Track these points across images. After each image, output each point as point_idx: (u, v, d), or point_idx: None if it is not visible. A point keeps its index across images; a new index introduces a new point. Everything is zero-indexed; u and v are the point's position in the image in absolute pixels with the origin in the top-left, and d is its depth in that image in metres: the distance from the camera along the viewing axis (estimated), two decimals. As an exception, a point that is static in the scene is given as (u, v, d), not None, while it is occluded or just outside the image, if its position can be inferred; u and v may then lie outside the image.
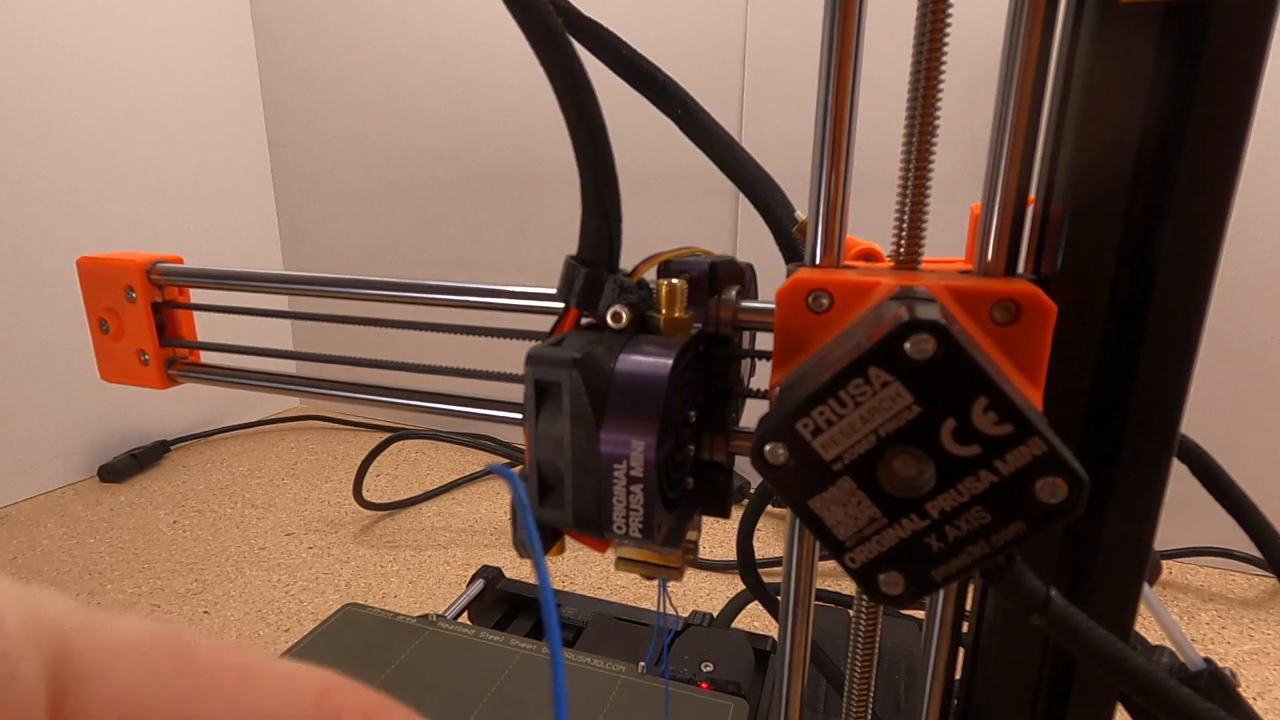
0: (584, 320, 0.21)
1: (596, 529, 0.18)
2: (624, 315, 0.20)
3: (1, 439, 0.77)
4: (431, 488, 0.83)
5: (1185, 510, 0.27)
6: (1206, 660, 0.28)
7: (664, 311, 0.20)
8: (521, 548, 0.19)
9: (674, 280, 0.20)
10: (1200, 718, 0.15)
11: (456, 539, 0.74)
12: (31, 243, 0.78)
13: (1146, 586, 0.26)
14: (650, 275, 0.22)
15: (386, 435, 0.83)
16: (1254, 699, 0.50)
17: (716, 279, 0.22)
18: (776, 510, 0.77)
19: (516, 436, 0.92)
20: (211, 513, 0.77)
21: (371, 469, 0.78)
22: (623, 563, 0.21)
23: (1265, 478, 0.64)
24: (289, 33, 0.95)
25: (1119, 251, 0.19)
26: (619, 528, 0.18)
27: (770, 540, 0.75)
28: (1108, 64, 0.18)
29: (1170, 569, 0.70)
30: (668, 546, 0.20)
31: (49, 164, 0.78)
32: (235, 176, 0.99)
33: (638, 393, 0.18)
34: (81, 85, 0.80)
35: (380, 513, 0.79)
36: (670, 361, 0.18)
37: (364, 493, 0.77)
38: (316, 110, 0.97)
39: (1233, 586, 0.65)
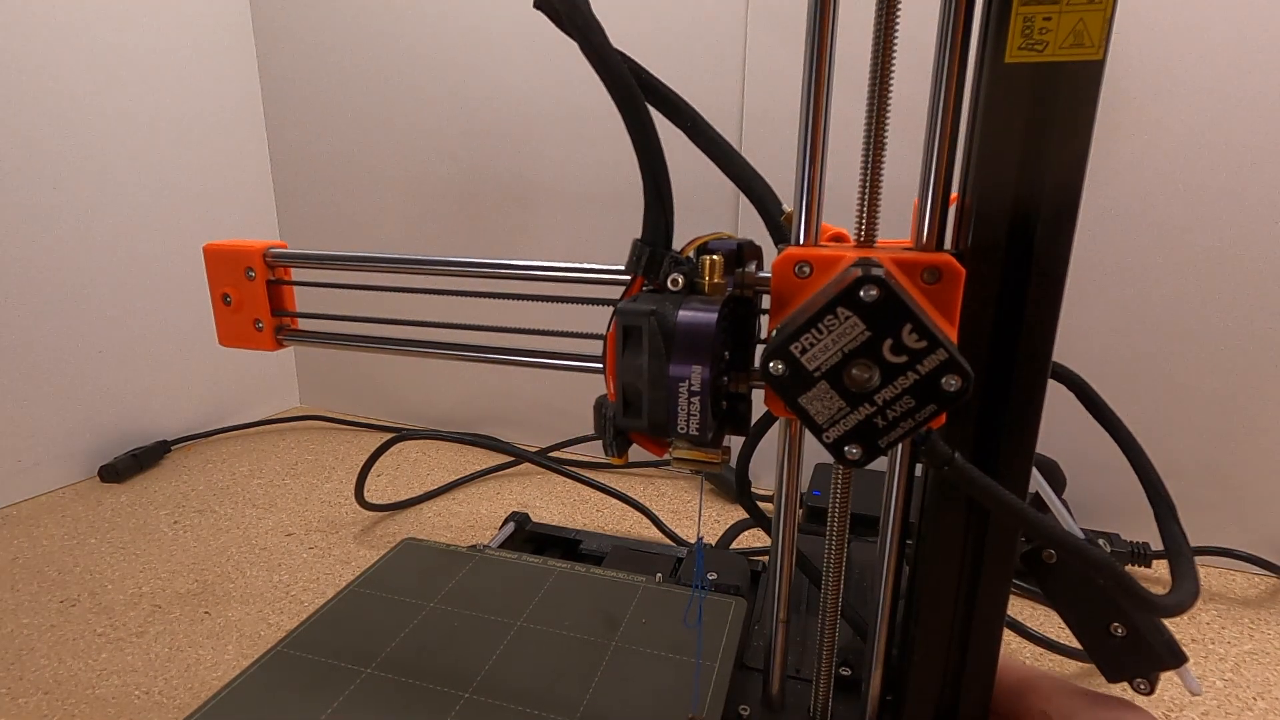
0: (646, 287, 0.29)
1: (665, 431, 0.26)
2: (680, 280, 0.27)
3: (2, 439, 0.75)
4: (432, 488, 0.82)
5: (1185, 510, 0.32)
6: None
7: (707, 278, 0.27)
8: (610, 447, 0.27)
9: (714, 256, 0.28)
10: (1058, 537, 0.23)
11: (458, 539, 0.73)
12: (29, 244, 0.76)
13: (1054, 493, 0.34)
14: (691, 254, 0.29)
15: (388, 436, 0.83)
16: (1254, 699, 0.49)
17: (742, 255, 0.30)
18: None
19: (516, 436, 0.93)
20: (212, 513, 0.76)
21: (372, 470, 0.77)
22: (678, 460, 0.28)
23: (1267, 477, 0.63)
24: (289, 35, 0.94)
25: (1008, 234, 0.27)
26: (682, 428, 0.25)
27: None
28: (999, 104, 0.26)
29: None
30: (712, 447, 0.27)
31: (47, 166, 0.77)
32: (235, 178, 0.97)
33: (695, 333, 0.25)
34: (81, 87, 0.79)
35: (381, 513, 0.78)
36: (716, 313, 0.25)
37: (365, 493, 0.76)
38: (317, 113, 0.96)
39: (1233, 586, 0.63)
